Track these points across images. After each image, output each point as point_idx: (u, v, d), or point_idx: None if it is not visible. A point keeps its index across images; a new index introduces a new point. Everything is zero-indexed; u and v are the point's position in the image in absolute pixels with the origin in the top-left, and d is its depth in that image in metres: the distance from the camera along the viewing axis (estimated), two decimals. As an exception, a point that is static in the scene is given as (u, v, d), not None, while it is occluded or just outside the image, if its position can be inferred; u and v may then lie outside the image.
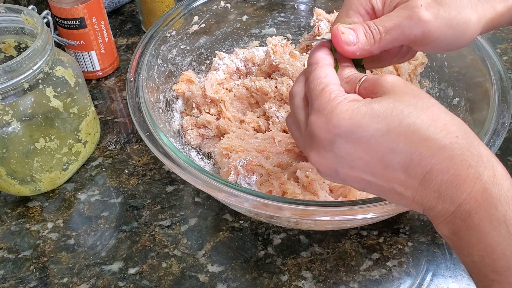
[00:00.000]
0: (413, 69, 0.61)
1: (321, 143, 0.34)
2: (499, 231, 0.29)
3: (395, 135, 0.32)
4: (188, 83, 0.62)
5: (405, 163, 0.32)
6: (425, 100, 0.33)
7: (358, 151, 0.33)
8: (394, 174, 0.33)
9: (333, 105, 0.33)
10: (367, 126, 0.32)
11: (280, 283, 0.50)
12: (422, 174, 0.32)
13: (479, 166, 0.31)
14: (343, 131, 0.33)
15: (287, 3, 0.71)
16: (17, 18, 0.55)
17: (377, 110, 0.32)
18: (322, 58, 0.38)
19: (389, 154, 0.32)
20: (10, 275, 0.51)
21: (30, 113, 0.52)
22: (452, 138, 0.31)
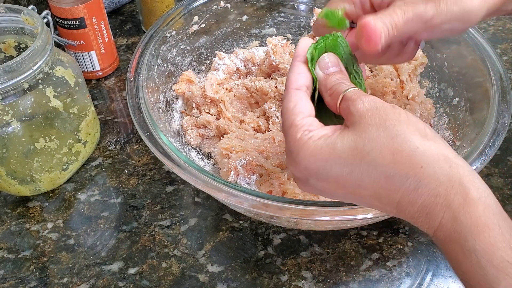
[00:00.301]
0: (413, 69, 0.61)
1: (298, 178, 0.37)
2: (471, 261, 0.29)
3: (359, 174, 0.32)
4: (188, 83, 0.62)
5: (376, 196, 0.33)
6: (389, 130, 0.32)
7: (331, 187, 0.34)
8: (371, 202, 0.34)
9: (298, 147, 0.34)
10: (331, 168, 0.33)
11: (280, 283, 0.50)
12: (394, 205, 0.33)
13: (448, 194, 0.30)
14: (312, 172, 0.34)
15: (287, 3, 0.71)
16: (17, 18, 0.55)
17: (339, 150, 0.33)
18: (293, 80, 0.38)
19: (358, 189, 0.33)
20: (10, 275, 0.51)
21: (30, 113, 0.52)
22: (416, 169, 0.31)
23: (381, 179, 0.32)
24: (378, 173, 0.32)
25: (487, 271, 0.28)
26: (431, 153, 0.31)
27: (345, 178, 0.33)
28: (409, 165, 0.31)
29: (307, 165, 0.34)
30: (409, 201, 0.31)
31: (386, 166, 0.31)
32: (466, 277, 0.30)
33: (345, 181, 0.33)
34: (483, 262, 0.29)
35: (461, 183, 0.30)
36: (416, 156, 0.31)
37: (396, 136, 0.32)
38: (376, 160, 0.32)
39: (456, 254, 0.30)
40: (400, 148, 0.31)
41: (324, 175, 0.34)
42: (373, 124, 0.32)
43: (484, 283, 0.29)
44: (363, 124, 0.33)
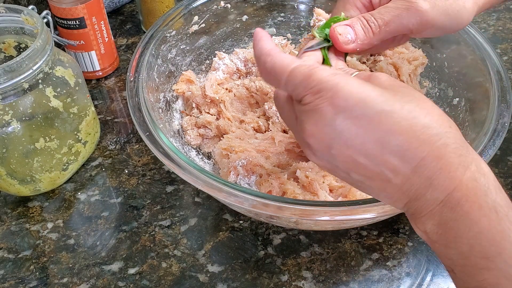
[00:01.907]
0: (413, 70, 0.61)
1: (322, 116, 0.33)
2: (489, 218, 0.30)
3: (398, 118, 0.32)
4: (188, 83, 0.62)
5: (403, 147, 0.32)
6: (419, 94, 0.34)
7: (358, 128, 0.32)
8: (388, 158, 0.32)
9: (336, 78, 0.33)
10: (373, 104, 0.32)
11: (280, 283, 0.50)
12: (417, 160, 0.32)
13: (468, 157, 0.32)
14: (349, 104, 0.32)
15: (287, 3, 0.71)
16: (17, 18, 0.55)
17: (381, 92, 0.33)
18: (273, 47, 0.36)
19: (389, 135, 0.32)
20: (10, 275, 0.51)
21: (30, 113, 0.52)
22: (446, 127, 0.32)
23: (418, 126, 0.32)
24: (416, 121, 0.32)
25: (505, 225, 0.30)
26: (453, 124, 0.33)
27: (380, 119, 0.32)
28: (441, 122, 0.32)
29: (347, 95, 0.32)
30: (437, 156, 0.31)
31: (424, 116, 0.32)
32: (479, 237, 0.30)
33: (378, 123, 0.32)
34: (501, 217, 0.30)
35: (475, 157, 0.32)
36: (446, 118, 0.33)
37: (427, 100, 0.34)
38: (415, 109, 0.32)
39: (472, 213, 0.30)
40: (432, 107, 0.33)
41: (362, 109, 0.32)
42: (403, 86, 0.34)
43: (501, 238, 0.29)
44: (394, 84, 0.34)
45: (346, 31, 0.39)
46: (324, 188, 0.50)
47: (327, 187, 0.50)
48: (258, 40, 0.37)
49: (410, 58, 0.61)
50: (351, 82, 0.33)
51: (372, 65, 0.63)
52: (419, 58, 0.61)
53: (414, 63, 0.61)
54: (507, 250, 0.29)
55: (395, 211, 0.42)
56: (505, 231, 0.29)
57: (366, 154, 0.33)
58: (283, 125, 0.57)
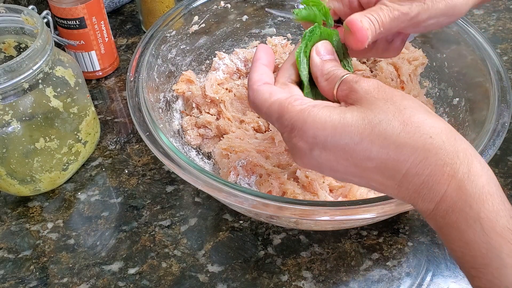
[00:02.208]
0: (413, 70, 0.61)
1: (302, 152, 0.35)
2: (474, 229, 0.30)
3: (368, 143, 0.32)
4: (188, 83, 0.62)
5: (381, 168, 0.33)
6: (397, 104, 0.33)
7: (337, 158, 0.34)
8: (373, 176, 0.34)
9: (304, 116, 0.34)
10: (340, 135, 0.33)
11: (280, 283, 0.50)
12: (399, 177, 0.32)
13: (454, 163, 0.31)
14: (320, 140, 0.33)
15: (287, 3, 0.71)
16: (17, 18, 0.55)
17: (349, 119, 0.33)
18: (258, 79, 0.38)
19: (364, 160, 0.33)
20: (10, 275, 0.51)
21: (30, 113, 0.52)
22: (425, 139, 0.31)
23: (390, 149, 0.32)
24: (388, 142, 0.32)
25: (490, 238, 0.29)
26: (438, 125, 0.32)
27: (353, 147, 0.33)
28: (419, 135, 0.31)
29: (315, 132, 0.33)
30: (416, 172, 0.31)
31: (397, 136, 0.32)
32: (467, 247, 0.30)
33: (352, 151, 0.33)
34: (486, 230, 0.29)
35: (465, 155, 0.31)
36: (425, 127, 0.32)
37: (405, 109, 0.33)
38: (386, 130, 0.32)
39: (459, 224, 0.30)
40: (409, 119, 0.32)
41: (332, 143, 0.33)
42: (380, 98, 0.33)
43: (486, 250, 0.29)
44: (370, 99, 0.33)
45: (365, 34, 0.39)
46: (324, 188, 0.50)
47: (327, 187, 0.50)
48: (252, 63, 0.39)
49: (410, 58, 0.61)
50: (319, 117, 0.33)
51: (372, 65, 0.63)
52: (419, 58, 0.61)
53: (414, 63, 0.61)
54: (493, 262, 0.29)
55: (395, 211, 0.42)
56: (490, 243, 0.29)
57: (353, 175, 0.35)
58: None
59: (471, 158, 0.31)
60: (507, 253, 0.28)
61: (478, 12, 0.85)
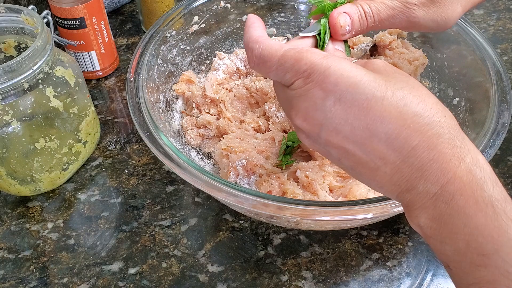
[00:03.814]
0: (413, 70, 0.61)
1: (312, 100, 0.33)
2: (485, 213, 0.29)
3: (388, 105, 0.31)
4: (188, 83, 0.62)
5: (392, 135, 0.31)
6: (415, 81, 0.33)
7: (348, 114, 0.32)
8: (377, 145, 0.32)
9: (328, 61, 0.32)
10: (363, 89, 0.31)
11: (280, 283, 0.50)
12: (407, 150, 0.31)
13: (463, 148, 0.31)
14: (339, 89, 0.32)
15: (287, 3, 0.71)
16: (17, 18, 0.55)
17: (373, 76, 0.32)
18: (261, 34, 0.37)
19: (378, 122, 0.31)
20: (10, 275, 0.51)
21: (30, 113, 0.52)
22: (440, 116, 0.31)
23: (408, 114, 0.31)
24: (407, 108, 0.31)
25: (503, 221, 0.28)
26: (448, 112, 0.33)
27: (370, 105, 0.31)
28: (435, 111, 0.31)
29: (338, 79, 0.31)
30: (428, 146, 0.30)
31: (416, 105, 0.31)
32: (475, 233, 0.29)
33: (368, 109, 0.31)
34: (499, 213, 0.29)
35: (471, 146, 0.32)
36: (439, 106, 0.32)
37: (422, 87, 0.33)
38: (407, 97, 0.31)
39: (468, 208, 0.29)
40: (427, 95, 0.32)
41: (352, 94, 0.31)
42: (399, 72, 0.34)
43: (498, 234, 0.28)
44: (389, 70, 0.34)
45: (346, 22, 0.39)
46: (324, 188, 0.50)
47: (327, 187, 0.50)
48: (248, 27, 0.37)
49: (411, 59, 0.61)
50: (343, 65, 0.32)
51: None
52: (420, 59, 0.61)
53: (415, 64, 0.61)
54: (504, 247, 0.28)
55: (395, 211, 0.42)
56: (502, 227, 0.28)
57: (355, 141, 0.32)
58: (283, 125, 0.57)
59: (476, 151, 0.31)
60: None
61: (478, 12, 0.85)
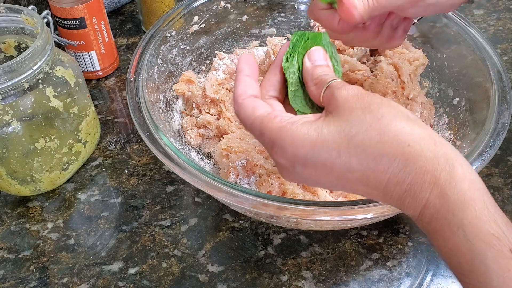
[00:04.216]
0: (413, 70, 0.61)
1: (285, 168, 0.36)
2: (458, 236, 0.29)
3: (347, 156, 0.32)
4: (188, 83, 0.62)
5: (363, 179, 0.33)
6: (373, 112, 0.33)
7: (319, 173, 0.34)
8: (356, 187, 0.34)
9: (283, 134, 0.34)
10: (319, 151, 0.33)
11: (280, 283, 0.50)
12: (381, 188, 0.32)
13: (435, 170, 0.31)
14: (300, 158, 0.34)
15: (287, 3, 0.71)
16: (17, 18, 0.55)
17: (326, 134, 0.33)
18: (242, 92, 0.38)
19: (346, 173, 0.33)
20: (10, 275, 0.51)
21: (30, 113, 0.52)
22: (403, 148, 0.31)
23: (369, 160, 0.32)
24: (366, 154, 0.32)
25: (474, 244, 0.29)
26: (416, 132, 0.32)
27: (332, 162, 0.33)
28: (396, 144, 0.31)
29: (295, 151, 0.34)
30: (397, 181, 0.31)
31: (374, 146, 0.32)
32: (453, 254, 0.30)
33: (332, 166, 0.33)
34: (470, 236, 0.29)
35: (446, 160, 0.31)
36: (402, 135, 0.32)
37: (382, 117, 0.32)
38: (363, 141, 0.32)
39: (443, 231, 0.30)
40: (386, 128, 0.32)
41: (312, 160, 0.33)
42: (358, 108, 0.33)
43: (471, 257, 0.29)
44: (347, 108, 0.33)
45: None
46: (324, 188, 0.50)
47: (327, 187, 0.50)
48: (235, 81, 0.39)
49: (411, 59, 0.61)
50: (297, 134, 0.34)
51: (373, 65, 0.63)
52: (420, 59, 0.61)
53: (415, 64, 0.61)
54: (478, 268, 0.29)
55: (395, 211, 0.42)
56: (475, 250, 0.29)
57: (337, 186, 0.35)
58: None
59: (453, 162, 0.31)
60: (491, 259, 0.28)
61: (478, 12, 0.85)
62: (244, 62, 0.40)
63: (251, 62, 0.40)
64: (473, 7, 0.86)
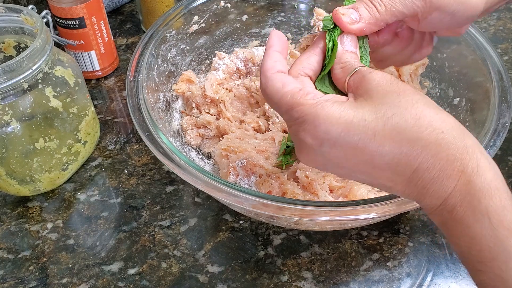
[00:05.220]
0: (414, 70, 0.61)
1: (309, 147, 0.35)
2: (482, 223, 0.30)
3: (381, 138, 0.32)
4: (188, 83, 0.62)
5: (392, 163, 0.32)
6: (409, 97, 0.33)
7: (346, 155, 0.33)
8: (382, 173, 0.33)
9: (317, 109, 0.33)
10: (354, 131, 0.32)
11: (280, 284, 0.50)
12: (409, 173, 0.32)
13: (464, 158, 0.31)
14: (332, 136, 0.33)
15: (287, 2, 0.71)
16: (17, 18, 0.55)
17: (362, 114, 0.33)
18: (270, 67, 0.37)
19: (376, 156, 0.33)
20: (10, 275, 0.51)
21: (30, 113, 0.52)
22: (437, 134, 0.31)
23: (403, 143, 0.32)
24: (401, 136, 0.32)
25: (498, 231, 0.29)
26: (448, 121, 0.32)
27: (365, 143, 0.32)
28: (431, 129, 0.31)
29: (328, 128, 0.33)
30: (427, 167, 0.31)
31: (410, 130, 0.32)
32: (474, 241, 0.30)
33: (364, 147, 0.32)
34: (494, 223, 0.29)
35: (474, 150, 0.31)
36: (437, 122, 0.32)
37: (417, 103, 0.32)
38: (399, 124, 0.32)
39: (466, 219, 0.30)
40: (422, 113, 0.32)
41: (344, 139, 0.33)
42: (393, 91, 0.33)
43: (494, 244, 0.29)
44: (381, 91, 0.33)
45: (349, 12, 0.39)
46: (324, 188, 0.50)
47: (327, 187, 0.50)
48: (266, 52, 0.38)
49: (411, 58, 0.61)
50: (332, 111, 0.33)
51: (373, 66, 0.63)
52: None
53: (415, 64, 0.61)
54: (500, 256, 0.29)
55: (396, 211, 0.42)
56: (498, 237, 0.29)
57: (361, 172, 0.34)
58: (283, 125, 0.57)
59: (479, 154, 0.31)
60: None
61: (478, 12, 0.85)
62: (276, 38, 0.39)
63: (283, 39, 0.39)
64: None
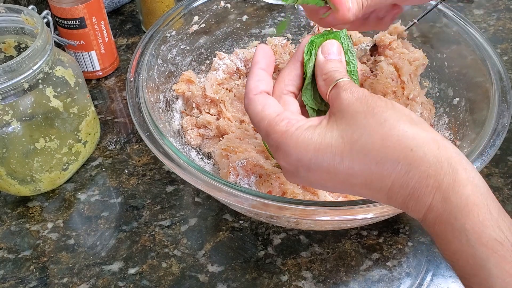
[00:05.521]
0: (414, 70, 0.61)
1: (287, 171, 0.36)
2: (460, 241, 0.29)
3: (349, 161, 0.32)
4: (188, 83, 0.62)
5: (366, 183, 0.33)
6: (377, 116, 0.33)
7: (322, 177, 0.34)
8: (360, 191, 0.34)
9: (287, 138, 0.34)
10: (323, 157, 0.33)
11: (280, 283, 0.50)
12: (385, 190, 0.32)
13: (438, 174, 0.30)
14: (304, 163, 0.34)
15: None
16: (17, 18, 0.55)
17: (329, 139, 0.33)
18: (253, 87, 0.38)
19: (349, 177, 0.33)
20: (10, 275, 0.51)
21: (30, 113, 0.52)
22: (406, 152, 0.31)
23: (372, 165, 0.32)
24: (369, 159, 0.32)
25: (476, 249, 0.29)
26: (419, 136, 0.32)
27: (336, 167, 0.33)
28: (399, 149, 0.31)
29: (299, 156, 0.34)
30: (400, 185, 0.31)
31: (377, 151, 0.32)
32: (455, 257, 0.30)
33: (336, 170, 0.33)
34: (472, 241, 0.29)
35: (450, 164, 0.31)
36: (405, 140, 0.31)
37: (385, 122, 0.32)
38: (366, 146, 0.32)
39: (446, 235, 0.30)
40: (389, 133, 0.32)
41: (315, 165, 0.34)
42: (361, 112, 0.33)
43: (473, 262, 0.29)
44: (351, 112, 0.33)
45: None
46: (324, 188, 0.50)
47: (327, 187, 0.50)
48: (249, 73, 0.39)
49: (411, 59, 0.61)
50: (301, 139, 0.34)
51: (373, 66, 0.63)
52: (420, 59, 0.61)
53: (415, 64, 0.61)
54: (480, 273, 0.29)
55: (396, 211, 0.42)
56: (477, 254, 0.29)
57: (342, 190, 0.35)
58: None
59: (456, 166, 0.31)
60: (493, 264, 0.28)
61: (478, 12, 0.85)
62: (261, 55, 0.39)
63: (268, 55, 0.39)
64: (473, 7, 0.86)
